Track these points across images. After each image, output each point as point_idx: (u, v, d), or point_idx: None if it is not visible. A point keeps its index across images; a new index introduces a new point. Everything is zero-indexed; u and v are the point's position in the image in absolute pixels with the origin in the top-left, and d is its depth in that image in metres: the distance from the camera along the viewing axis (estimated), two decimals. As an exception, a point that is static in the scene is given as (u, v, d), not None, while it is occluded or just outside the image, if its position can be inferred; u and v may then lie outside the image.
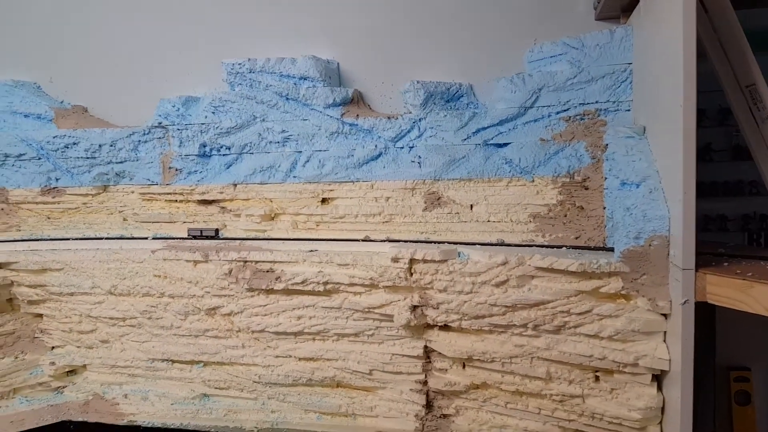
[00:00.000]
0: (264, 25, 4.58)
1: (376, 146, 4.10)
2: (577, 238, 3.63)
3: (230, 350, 3.96)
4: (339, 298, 3.70)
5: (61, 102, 4.96)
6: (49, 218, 4.67)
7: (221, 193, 4.44)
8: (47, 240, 4.53)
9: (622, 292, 3.04)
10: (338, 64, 4.45)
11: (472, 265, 3.29)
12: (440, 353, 3.54)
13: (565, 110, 3.85)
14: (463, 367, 3.52)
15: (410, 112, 4.11)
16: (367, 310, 3.63)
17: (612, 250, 3.23)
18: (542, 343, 3.23)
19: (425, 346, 3.60)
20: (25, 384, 4.18)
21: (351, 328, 3.71)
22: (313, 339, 3.84)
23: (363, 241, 4.03)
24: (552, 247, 3.54)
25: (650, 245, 2.88)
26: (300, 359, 3.85)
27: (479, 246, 3.63)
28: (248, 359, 3.93)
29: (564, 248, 3.48)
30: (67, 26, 4.99)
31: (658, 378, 3.02)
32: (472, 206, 3.88)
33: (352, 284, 3.63)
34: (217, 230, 4.39)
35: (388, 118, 4.12)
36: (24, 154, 4.57)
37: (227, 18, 4.66)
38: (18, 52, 5.06)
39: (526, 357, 3.28)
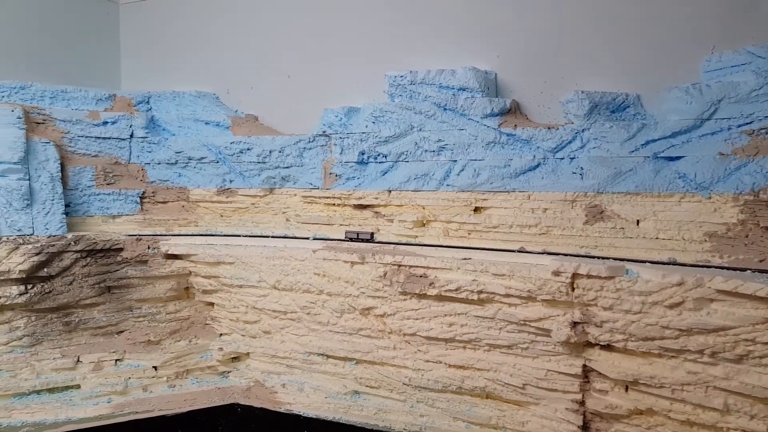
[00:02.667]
0: (424, 38, 4.72)
1: (534, 156, 4.05)
2: (761, 261, 3.32)
3: (382, 350, 4.09)
4: (493, 308, 3.69)
5: (236, 111, 5.46)
6: (222, 216, 5.14)
7: (376, 198, 4.62)
8: (220, 236, 4.98)
9: (822, 324, 2.73)
10: (496, 74, 4.46)
11: (643, 284, 3.13)
12: (601, 373, 3.39)
13: (748, 123, 3.56)
14: (626, 390, 3.34)
15: (572, 123, 4.01)
16: (522, 322, 3.58)
17: (808, 276, 2.91)
18: (720, 371, 2.98)
19: (584, 365, 3.47)
20: (197, 366, 4.61)
21: (504, 339, 3.68)
22: (464, 347, 3.85)
23: (518, 252, 3.99)
24: (732, 269, 3.27)
25: None
26: (450, 366, 3.89)
27: (648, 264, 3.45)
28: (399, 361, 4.04)
29: (748, 271, 3.20)
30: (242, 44, 5.49)
31: None
32: (638, 222, 3.70)
33: (507, 295, 3.60)
34: (372, 234, 4.57)
35: (548, 128, 4.06)
36: (204, 158, 5.07)
37: (389, 33, 4.87)
38: (201, 67, 5.65)
39: (700, 385, 3.05)
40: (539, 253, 3.88)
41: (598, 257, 3.69)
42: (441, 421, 3.92)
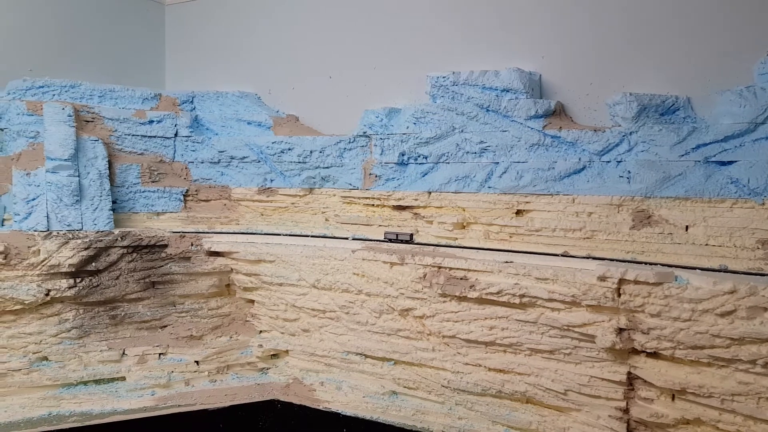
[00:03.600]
0: (467, 39, 4.69)
1: (579, 159, 3.99)
2: (818, 270, 3.21)
3: (420, 352, 4.09)
4: (535, 313, 3.65)
5: (277, 111, 5.52)
6: (262, 215, 5.21)
7: (416, 200, 4.61)
8: (261, 234, 5.04)
9: None
10: (540, 75, 4.42)
11: (693, 291, 3.05)
12: (646, 381, 3.33)
13: (804, 127, 3.45)
14: (673, 399, 3.27)
15: (619, 125, 3.94)
16: (565, 327, 3.54)
17: None
18: (774, 383, 2.89)
19: (629, 372, 3.41)
20: (237, 362, 4.68)
21: (546, 344, 3.64)
22: (504, 351, 3.82)
23: (562, 256, 3.94)
24: (788, 278, 3.17)
25: None
26: (490, 369, 3.86)
27: (698, 271, 3.36)
28: (438, 363, 4.03)
29: (805, 281, 3.10)
30: (284, 45, 5.55)
31: None
32: (687, 227, 3.61)
33: (550, 299, 3.56)
34: (411, 235, 4.57)
35: (594, 130, 3.99)
36: (246, 157, 5.15)
37: (431, 34, 4.85)
38: (243, 67, 5.73)
39: (751, 396, 2.96)
40: (583, 258, 3.83)
41: (645, 263, 3.62)
42: (480, 424, 3.90)
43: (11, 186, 4.65)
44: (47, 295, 4.19)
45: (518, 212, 4.22)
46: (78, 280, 4.29)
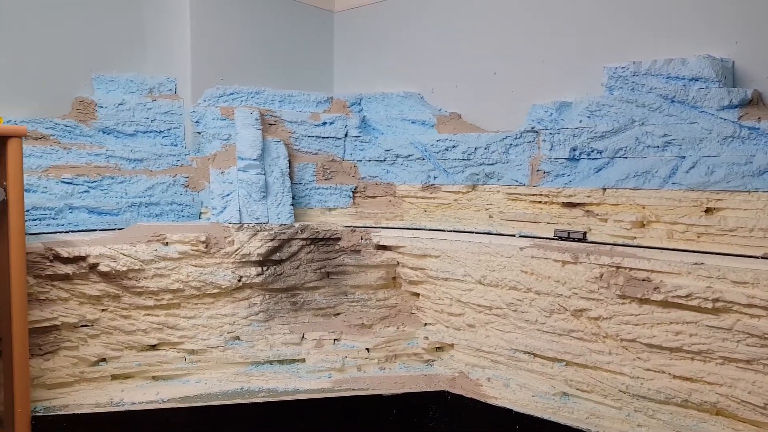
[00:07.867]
0: (648, 25, 4.43)
1: (784, 153, 3.62)
2: None
3: (595, 354, 3.95)
4: (730, 319, 3.37)
5: (440, 110, 5.63)
6: (425, 211, 5.35)
7: (588, 196, 4.46)
8: (425, 230, 5.19)
9: None
10: (733, 62, 4.06)
11: None
12: None
13: None
14: None
15: (835, 114, 3.51)
16: (766, 336, 3.23)
17: None
18: None
19: None
20: (404, 352, 4.86)
21: (743, 353, 3.34)
22: (692, 358, 3.58)
23: (762, 258, 3.59)
24: None
25: None
26: (675, 377, 3.63)
27: None
28: (615, 367, 3.87)
29: None
30: (447, 44, 5.64)
31: None
32: None
33: (749, 305, 3.27)
34: (584, 233, 4.43)
35: (803, 121, 3.60)
36: (411, 155, 5.32)
37: (606, 21, 4.66)
38: (407, 68, 5.92)
39: None
40: (790, 261, 3.47)
41: None
42: (662, 434, 3.69)
43: (207, 183, 5.24)
44: (239, 281, 4.66)
45: (708, 210, 3.92)
46: (264, 268, 4.72)
